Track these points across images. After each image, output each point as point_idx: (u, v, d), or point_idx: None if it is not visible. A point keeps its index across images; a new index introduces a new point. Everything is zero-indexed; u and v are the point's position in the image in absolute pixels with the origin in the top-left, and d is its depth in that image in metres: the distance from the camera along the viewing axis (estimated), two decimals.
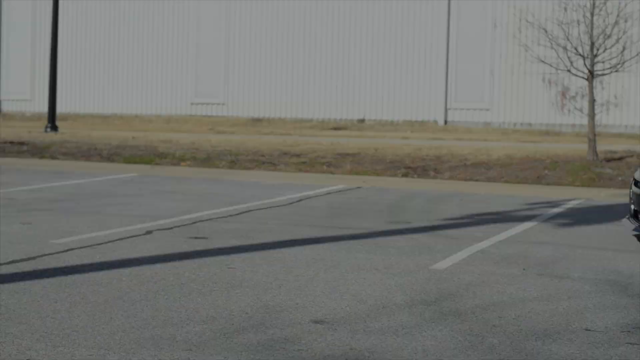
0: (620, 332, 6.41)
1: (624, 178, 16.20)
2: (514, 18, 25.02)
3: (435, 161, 18.30)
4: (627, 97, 25.32)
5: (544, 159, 18.25)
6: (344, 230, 10.65)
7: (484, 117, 27.69)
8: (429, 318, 6.66)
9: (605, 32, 18.49)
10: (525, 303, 7.19)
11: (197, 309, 6.80)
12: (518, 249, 9.59)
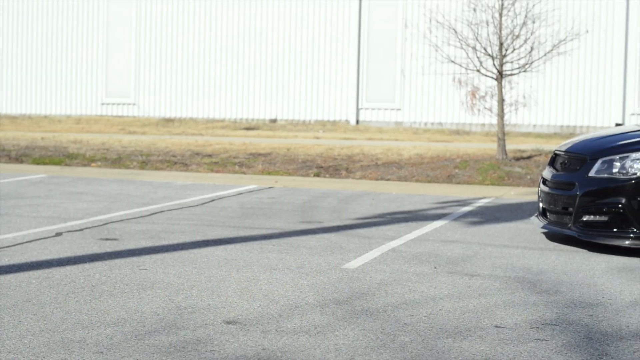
0: (529, 328, 6.50)
1: (532, 176, 16.44)
2: (424, 18, 25.23)
3: (347, 161, 18.37)
4: (535, 97, 25.69)
5: (455, 158, 18.44)
6: (256, 231, 10.63)
7: (395, 116, 27.87)
8: (341, 317, 6.68)
9: (513, 33, 18.73)
10: (436, 301, 7.25)
11: (108, 311, 6.73)
12: (429, 248, 9.67)
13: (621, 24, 26.20)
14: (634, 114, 26.23)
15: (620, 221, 9.37)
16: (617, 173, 9.48)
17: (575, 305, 7.23)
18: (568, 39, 20.12)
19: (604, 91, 26.38)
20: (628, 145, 9.67)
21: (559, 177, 10.07)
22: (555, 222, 10.01)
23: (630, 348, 6.05)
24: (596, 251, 9.63)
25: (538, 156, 19.02)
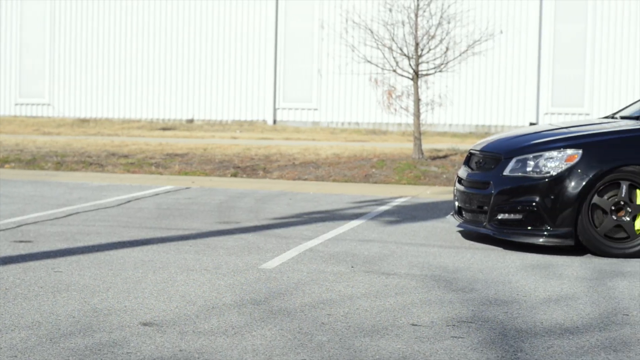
0: (445, 326, 6.55)
1: (448, 175, 16.59)
2: (340, 18, 25.31)
3: (264, 161, 18.35)
4: (451, 97, 25.94)
5: (371, 158, 18.53)
6: (172, 231, 10.57)
7: (313, 116, 27.93)
8: (259, 317, 6.67)
9: (429, 33, 18.89)
10: (353, 300, 7.28)
11: (22, 314, 6.63)
12: (346, 247, 9.70)
13: (535, 24, 26.58)
14: (547, 114, 26.63)
15: (534, 219, 9.49)
16: (531, 172, 9.61)
17: (490, 302, 7.31)
18: (483, 39, 20.35)
19: (518, 91, 26.73)
20: (541, 144, 9.80)
21: (474, 176, 10.18)
22: (471, 220, 10.11)
23: (545, 344, 6.14)
24: (511, 249, 9.75)
25: (454, 155, 19.20)
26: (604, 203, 9.43)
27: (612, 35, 26.33)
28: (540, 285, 7.99)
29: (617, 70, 26.35)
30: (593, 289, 7.88)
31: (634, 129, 10.02)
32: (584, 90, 26.54)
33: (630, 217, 9.43)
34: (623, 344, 6.17)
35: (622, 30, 26.29)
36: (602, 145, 9.62)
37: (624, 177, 9.43)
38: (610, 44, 26.34)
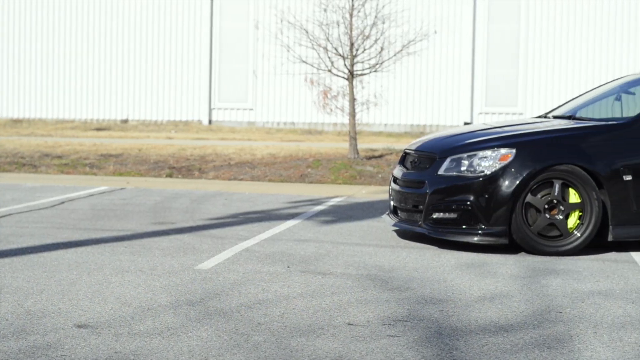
0: (381, 325, 6.58)
1: (384, 175, 16.66)
2: (275, 19, 25.28)
3: (200, 161, 18.28)
4: (386, 97, 26.04)
5: (307, 158, 18.54)
6: (107, 233, 10.49)
7: (248, 116, 27.88)
8: (195, 318, 6.65)
9: (364, 33, 18.94)
10: (289, 300, 7.28)
11: None
12: (282, 247, 9.70)
13: (469, 25, 26.79)
14: (481, 113, 26.85)
15: (468, 218, 9.57)
16: (465, 171, 9.68)
17: (426, 301, 7.35)
18: (417, 39, 20.45)
19: (453, 91, 26.92)
20: (476, 144, 9.88)
21: (409, 175, 10.23)
22: (406, 219, 10.16)
23: (479, 342, 6.19)
24: (446, 248, 9.82)
25: (389, 155, 19.29)
26: (538, 202, 9.54)
27: (544, 35, 26.62)
28: (475, 284, 8.05)
29: (550, 69, 26.64)
30: (527, 287, 7.96)
31: (566, 129, 10.14)
32: (517, 89, 26.80)
33: (563, 216, 9.54)
34: (556, 341, 6.24)
35: (555, 30, 26.59)
36: (535, 145, 9.73)
37: (556, 176, 9.54)
38: (543, 44, 26.63)
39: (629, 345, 6.19)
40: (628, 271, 8.78)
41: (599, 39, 26.45)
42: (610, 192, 9.58)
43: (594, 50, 26.47)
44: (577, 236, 9.54)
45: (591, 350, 6.04)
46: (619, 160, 9.65)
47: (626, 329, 6.61)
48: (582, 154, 9.61)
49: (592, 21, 26.45)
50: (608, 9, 26.37)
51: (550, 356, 5.90)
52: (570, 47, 26.55)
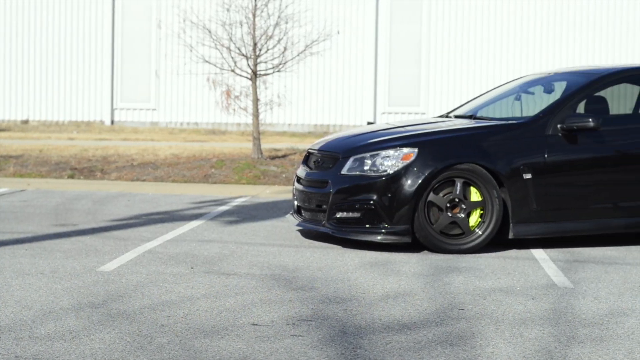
0: (285, 324, 6.58)
1: (288, 175, 16.68)
2: (178, 18, 25.12)
3: (102, 162, 18.08)
4: (290, 97, 26.07)
5: (211, 158, 18.47)
6: (7, 235, 10.31)
7: (151, 117, 27.67)
8: (97, 321, 6.57)
9: (267, 33, 18.93)
10: (193, 301, 7.24)
11: None
12: (186, 248, 9.65)
13: (371, 25, 26.96)
14: (384, 113, 27.04)
15: (372, 217, 9.62)
16: (368, 170, 9.74)
17: (330, 300, 7.38)
18: (320, 39, 20.51)
19: (356, 90, 27.07)
20: (378, 143, 9.94)
21: (312, 175, 10.25)
22: (310, 219, 10.19)
23: (383, 340, 6.23)
24: (350, 247, 9.86)
25: (293, 155, 19.31)
26: (440, 200, 9.64)
27: (446, 35, 26.92)
28: (378, 282, 8.10)
29: (452, 69, 26.95)
30: (430, 285, 8.04)
31: (467, 128, 10.27)
32: (419, 89, 27.06)
33: (465, 214, 9.65)
34: (459, 338, 6.32)
35: (456, 30, 26.91)
36: (437, 144, 9.83)
37: (458, 174, 9.65)
38: (445, 44, 26.93)
39: (529, 341, 6.30)
40: (528, 268, 8.93)
41: (499, 39, 26.83)
42: (510, 190, 9.73)
43: (494, 50, 26.84)
44: (479, 234, 9.67)
45: (493, 347, 6.13)
46: (519, 159, 9.80)
47: (527, 325, 6.72)
48: (483, 153, 9.74)
49: (492, 22, 26.83)
50: (508, 10, 26.76)
51: (453, 353, 5.97)
52: (472, 47, 26.89)
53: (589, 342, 6.28)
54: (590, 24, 26.63)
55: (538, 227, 9.87)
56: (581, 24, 26.63)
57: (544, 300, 7.52)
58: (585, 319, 6.94)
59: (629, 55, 26.44)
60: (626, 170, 10.20)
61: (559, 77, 11.39)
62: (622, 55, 26.48)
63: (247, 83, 20.78)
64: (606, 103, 10.87)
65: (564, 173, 9.97)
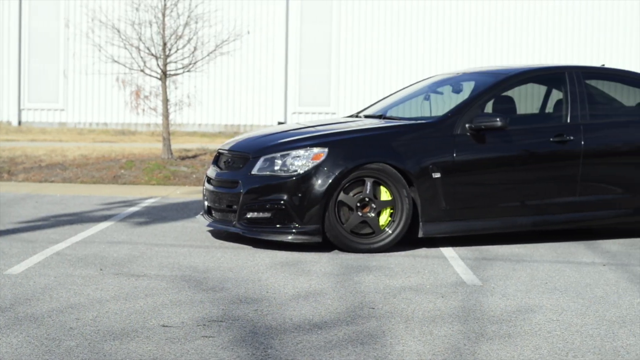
0: (196, 326, 6.55)
1: (198, 175, 16.60)
2: (87, 18, 24.82)
3: (9, 163, 17.80)
4: (200, 97, 25.95)
5: (120, 159, 18.29)
6: None
7: (59, 117, 27.31)
8: (4, 325, 6.46)
9: (177, 33, 18.82)
10: (102, 303, 7.17)
11: None
12: (95, 249, 9.54)
13: (282, 25, 26.97)
14: (295, 113, 27.07)
15: (282, 217, 9.63)
16: (278, 170, 9.74)
17: (241, 301, 7.36)
18: (231, 39, 20.46)
19: (267, 90, 27.05)
20: (289, 143, 9.95)
21: (223, 175, 10.22)
22: (221, 219, 10.15)
23: (294, 340, 6.23)
24: (261, 247, 9.85)
25: (203, 155, 19.22)
26: (350, 200, 9.68)
27: (355, 35, 27.04)
28: (289, 282, 8.11)
29: (362, 69, 27.09)
30: (340, 284, 8.07)
31: (376, 128, 10.33)
32: (330, 89, 27.14)
33: (375, 213, 9.71)
34: (369, 337, 6.35)
35: (366, 31, 27.05)
36: (347, 144, 9.87)
37: (368, 174, 9.70)
38: (355, 44, 27.05)
39: (438, 338, 6.36)
40: (438, 266, 9.01)
41: (409, 38, 27.04)
42: (420, 189, 9.82)
43: (404, 51, 27.05)
44: (389, 233, 9.73)
45: (403, 345, 6.17)
46: (428, 159, 9.89)
47: (436, 322, 6.78)
48: (392, 153, 9.80)
49: (402, 21, 27.02)
50: (417, 10, 26.99)
51: (364, 352, 6.00)
52: (382, 47, 27.06)
53: (497, 339, 6.36)
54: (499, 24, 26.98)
55: (447, 226, 9.97)
56: (489, 24, 26.97)
57: (453, 298, 7.60)
58: (494, 316, 7.03)
59: (542, 56, 26.86)
60: (533, 169, 10.36)
61: (467, 77, 11.53)
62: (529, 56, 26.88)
63: (156, 83, 20.63)
64: (514, 103, 11.03)
65: (472, 172, 10.09)
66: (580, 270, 8.97)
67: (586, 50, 26.94)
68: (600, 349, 6.19)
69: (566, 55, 26.80)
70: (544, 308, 7.33)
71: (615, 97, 11.65)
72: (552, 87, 11.43)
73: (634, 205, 10.77)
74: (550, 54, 26.84)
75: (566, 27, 26.95)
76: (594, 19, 26.97)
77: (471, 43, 27.00)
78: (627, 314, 7.20)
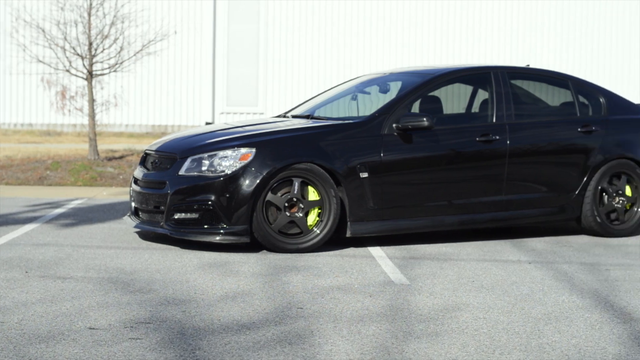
0: (123, 328, 6.50)
1: (125, 176, 16.47)
2: (11, 17, 24.51)
3: None
4: (127, 97, 25.75)
5: (46, 160, 18.09)
6: None
7: None
8: None
9: (103, 33, 18.65)
10: (28, 306, 7.08)
11: None
12: (20, 252, 9.42)
13: (209, 25, 26.87)
14: (223, 113, 26.99)
15: (210, 218, 9.59)
16: (206, 171, 9.70)
17: (168, 302, 7.32)
18: (157, 39, 20.33)
19: (194, 91, 26.93)
20: (216, 144, 9.92)
21: (150, 176, 10.15)
22: (148, 221, 10.08)
23: (222, 341, 6.21)
24: (189, 248, 9.81)
25: (130, 156, 19.09)
26: (278, 200, 9.67)
27: (283, 35, 27.04)
28: (217, 283, 8.08)
29: (289, 69, 27.09)
30: (268, 285, 8.06)
31: (304, 128, 10.33)
32: (257, 89, 27.10)
33: (303, 213, 9.72)
34: (297, 337, 6.35)
35: (294, 31, 27.06)
36: (275, 144, 9.86)
37: (296, 174, 9.71)
38: (283, 44, 27.04)
39: (366, 337, 6.38)
40: (366, 266, 9.05)
41: (337, 38, 27.11)
42: (347, 189, 9.85)
43: (332, 51, 27.11)
44: (317, 233, 9.75)
45: (331, 344, 6.19)
46: (356, 158, 9.93)
47: (364, 322, 6.81)
48: (320, 153, 9.82)
49: (329, 21, 27.08)
50: (345, 10, 27.06)
51: (292, 352, 6.00)
52: (310, 48, 27.09)
53: (425, 337, 6.41)
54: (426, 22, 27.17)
55: (375, 225, 10.02)
56: (416, 22, 27.14)
57: (381, 297, 7.64)
58: (421, 314, 7.08)
59: (474, 56, 27.09)
60: (459, 168, 10.45)
61: (394, 77, 11.59)
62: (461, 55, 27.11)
63: (82, 83, 20.43)
64: (440, 103, 11.12)
65: (399, 171, 10.15)
66: (506, 268, 9.07)
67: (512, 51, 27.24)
68: (526, 346, 6.26)
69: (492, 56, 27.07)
70: (471, 306, 7.39)
71: (540, 97, 11.80)
72: (478, 87, 11.54)
73: (559, 203, 10.92)
74: (477, 55, 27.09)
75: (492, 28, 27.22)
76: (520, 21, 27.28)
77: (398, 43, 27.15)
78: (552, 311, 7.30)
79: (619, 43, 27.23)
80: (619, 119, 11.41)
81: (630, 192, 11.24)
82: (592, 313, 7.25)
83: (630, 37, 27.24)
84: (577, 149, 11.04)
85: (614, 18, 27.31)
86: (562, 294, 7.93)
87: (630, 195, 11.23)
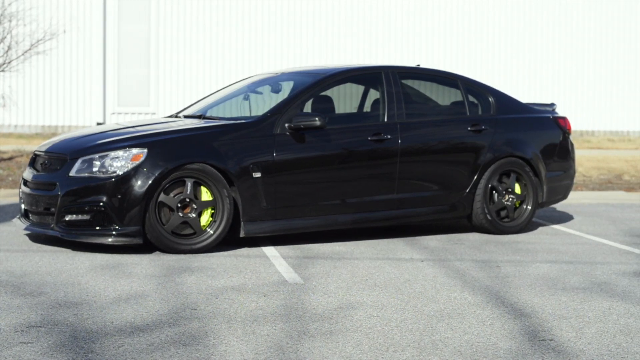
0: (14, 332, 6.39)
1: (14, 178, 16.19)
2: None
3: None
4: (15, 97, 25.32)
5: None
6: None
7: None
8: None
9: None
10: None
11: None
12: None
13: (99, 24, 26.56)
14: (114, 113, 26.71)
15: (102, 219, 9.48)
16: (97, 172, 9.58)
17: (60, 305, 7.22)
18: (46, 38, 20.06)
19: (85, 91, 26.60)
20: (108, 144, 9.81)
21: (39, 177, 9.99)
22: (38, 223, 9.93)
23: (115, 343, 6.15)
24: (81, 250, 9.68)
25: (20, 157, 18.77)
26: (171, 200, 9.61)
27: (175, 35, 26.87)
28: (110, 285, 8.00)
29: (182, 69, 26.94)
30: (162, 286, 8.01)
31: (196, 128, 10.28)
32: (149, 89, 26.89)
33: (196, 214, 9.67)
34: (192, 338, 6.33)
35: (185, 31, 26.91)
36: (167, 144, 9.79)
37: (189, 174, 9.66)
38: (174, 45, 26.88)
39: (261, 337, 6.38)
40: (260, 266, 9.05)
41: (229, 39, 27.04)
42: (240, 189, 9.83)
43: (223, 51, 27.03)
44: (210, 233, 9.71)
45: (225, 345, 6.18)
46: (248, 158, 9.92)
47: (259, 322, 6.81)
48: (212, 153, 9.79)
49: (221, 21, 27.00)
50: (243, 9, 27.01)
51: (187, 353, 5.97)
52: (202, 48, 26.98)
53: (319, 336, 6.43)
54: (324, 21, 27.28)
55: (268, 225, 10.02)
56: (314, 22, 27.24)
57: (275, 297, 7.65)
58: (316, 313, 7.11)
59: (363, 57, 27.28)
60: (352, 167, 10.52)
61: (286, 77, 11.61)
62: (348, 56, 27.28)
63: None
64: (332, 102, 11.18)
65: (292, 171, 10.17)
66: (399, 266, 9.16)
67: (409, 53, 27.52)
68: (420, 343, 6.33)
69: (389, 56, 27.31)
70: (365, 304, 7.45)
71: (431, 97, 11.94)
72: (370, 86, 11.63)
73: (450, 201, 11.07)
74: (368, 55, 27.31)
75: (390, 29, 27.46)
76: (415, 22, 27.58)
77: (291, 43, 27.20)
78: (445, 308, 7.39)
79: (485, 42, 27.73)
80: (508, 118, 11.61)
81: (520, 190, 11.45)
82: (483, 309, 7.37)
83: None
84: (467, 147, 11.21)
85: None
86: (455, 291, 8.04)
87: (519, 193, 11.44)
